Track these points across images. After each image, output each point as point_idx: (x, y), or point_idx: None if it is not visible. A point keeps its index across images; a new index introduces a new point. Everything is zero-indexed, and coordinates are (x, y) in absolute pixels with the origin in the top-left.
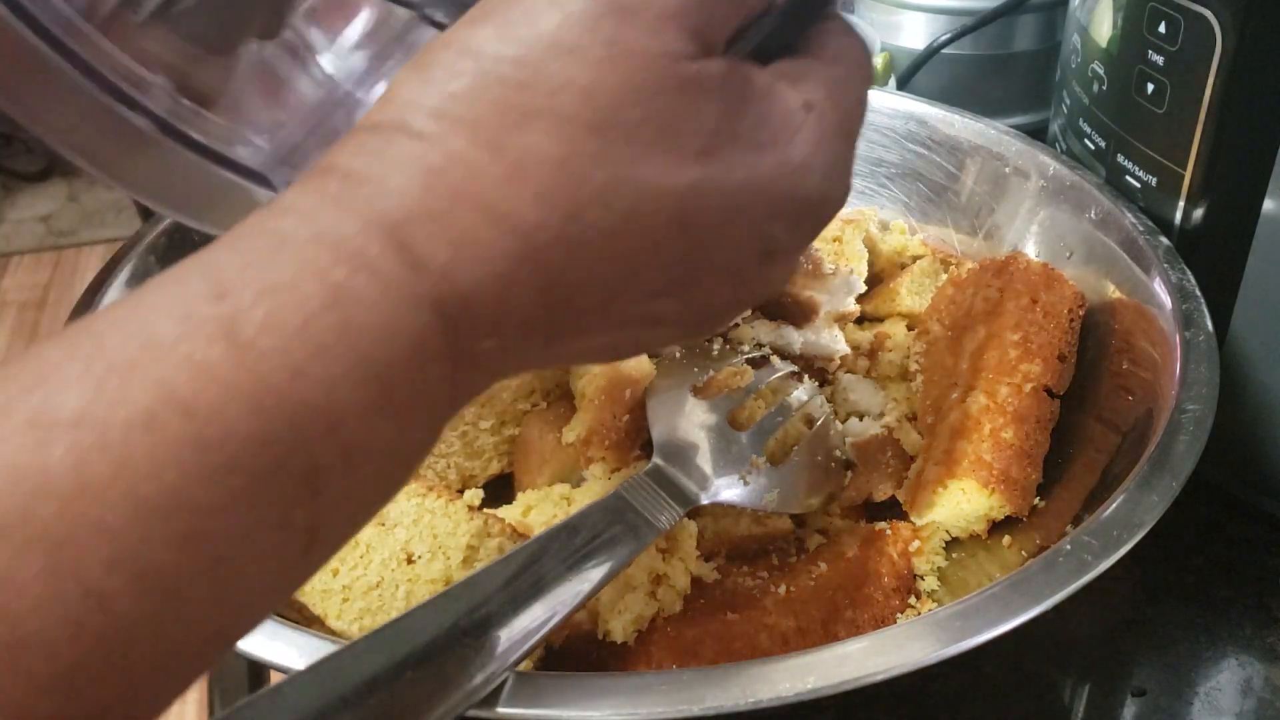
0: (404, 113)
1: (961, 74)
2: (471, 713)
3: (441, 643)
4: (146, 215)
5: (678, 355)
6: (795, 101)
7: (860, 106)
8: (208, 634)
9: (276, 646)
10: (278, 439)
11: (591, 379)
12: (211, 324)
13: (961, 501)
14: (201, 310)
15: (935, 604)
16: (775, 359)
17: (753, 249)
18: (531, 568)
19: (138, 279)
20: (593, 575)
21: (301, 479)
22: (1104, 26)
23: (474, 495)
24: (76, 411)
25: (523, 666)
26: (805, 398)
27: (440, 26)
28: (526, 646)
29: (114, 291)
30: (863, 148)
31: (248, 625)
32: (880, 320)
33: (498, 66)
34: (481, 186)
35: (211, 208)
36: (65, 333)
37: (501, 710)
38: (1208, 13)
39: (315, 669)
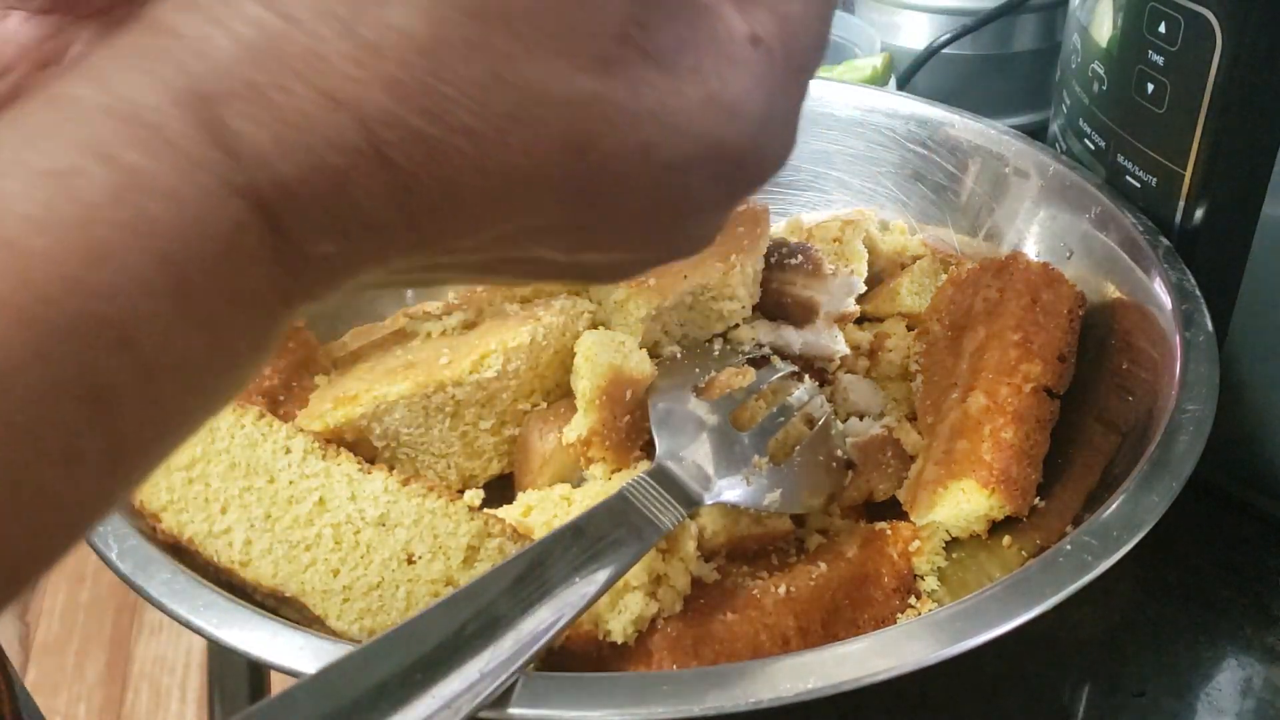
0: None
1: (961, 74)
2: (481, 714)
3: (450, 646)
4: None
5: (678, 355)
6: (740, 30)
7: (819, 48)
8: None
9: (277, 646)
10: (52, 357)
11: (592, 380)
12: None
13: (961, 501)
14: None
15: (935, 604)
16: (776, 359)
17: (661, 197)
18: (537, 570)
19: None
20: (598, 577)
21: (88, 402)
22: (1104, 26)
23: (474, 495)
24: None
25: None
26: (806, 398)
27: None
28: (535, 649)
29: None
30: (862, 148)
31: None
32: (880, 320)
33: None
34: (321, 64)
35: None
36: None
37: (509, 711)
38: (1208, 13)
39: (325, 674)
